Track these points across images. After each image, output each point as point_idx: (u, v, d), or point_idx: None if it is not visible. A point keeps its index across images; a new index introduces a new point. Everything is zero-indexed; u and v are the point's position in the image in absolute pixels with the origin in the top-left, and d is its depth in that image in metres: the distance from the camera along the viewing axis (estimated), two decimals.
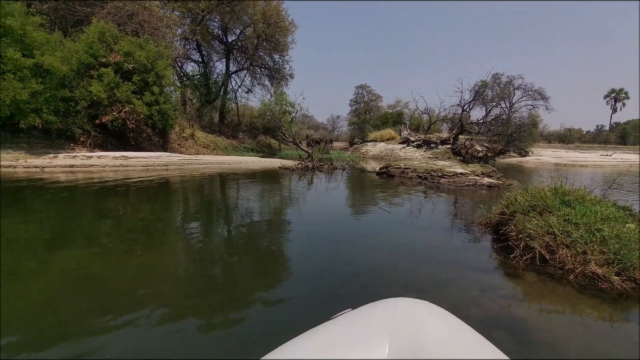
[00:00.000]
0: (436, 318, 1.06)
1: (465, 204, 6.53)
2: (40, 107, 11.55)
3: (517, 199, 3.55)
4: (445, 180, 8.79)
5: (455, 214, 5.63)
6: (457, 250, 3.58)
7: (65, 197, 6.28)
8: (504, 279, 2.77)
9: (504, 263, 3.04)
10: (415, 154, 24.58)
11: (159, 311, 2.21)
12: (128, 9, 15.84)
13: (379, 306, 1.12)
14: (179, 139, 19.23)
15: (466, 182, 8.47)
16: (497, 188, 8.00)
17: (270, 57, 28.02)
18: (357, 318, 1.07)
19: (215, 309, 2.28)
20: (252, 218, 5.07)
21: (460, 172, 9.12)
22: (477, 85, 26.56)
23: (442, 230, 4.46)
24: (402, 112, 41.63)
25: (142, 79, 14.13)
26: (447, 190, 7.91)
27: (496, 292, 2.53)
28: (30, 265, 2.92)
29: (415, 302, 1.15)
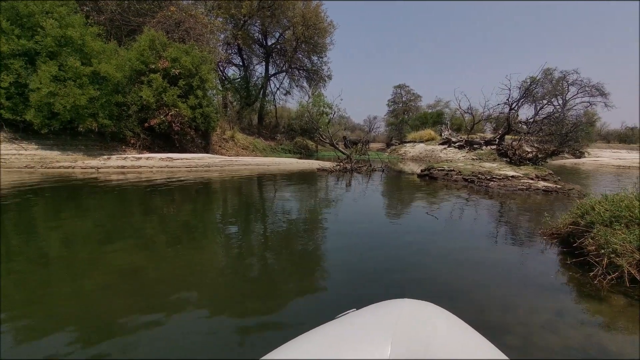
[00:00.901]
0: (440, 320, 1.04)
1: (520, 210, 5.98)
2: (97, 112, 12.38)
3: (595, 207, 3.11)
4: (494, 184, 8.17)
5: (511, 221, 5.14)
6: (521, 264, 3.21)
7: (117, 195, 6.60)
8: (584, 301, 2.37)
9: (581, 282, 2.64)
10: (457, 155, 23.51)
11: (199, 305, 2.31)
12: (176, 17, 16.61)
13: (383, 307, 1.12)
14: (219, 141, 19.85)
15: (519, 185, 7.81)
16: (555, 193, 7.29)
17: (308, 59, 28.20)
18: (361, 318, 1.07)
19: (251, 305, 2.34)
20: (290, 219, 4.97)
21: (511, 175, 8.44)
22: (527, 82, 24.88)
23: (500, 239, 4.05)
24: (443, 112, 40.18)
25: (187, 83, 14.72)
26: (498, 195, 7.33)
27: (576, 317, 2.17)
28: (83, 259, 3.09)
29: (420, 303, 1.14)
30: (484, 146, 24.29)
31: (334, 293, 2.57)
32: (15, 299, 2.29)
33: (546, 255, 3.40)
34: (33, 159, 10.91)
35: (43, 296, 2.35)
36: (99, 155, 12.36)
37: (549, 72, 33.18)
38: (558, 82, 33.35)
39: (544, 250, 3.53)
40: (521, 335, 1.96)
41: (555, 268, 3.04)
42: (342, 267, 3.14)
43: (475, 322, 2.06)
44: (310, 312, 2.27)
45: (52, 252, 3.29)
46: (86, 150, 12.68)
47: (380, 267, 3.09)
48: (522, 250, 3.60)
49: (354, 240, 4.05)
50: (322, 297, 2.50)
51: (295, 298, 2.50)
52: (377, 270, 3.03)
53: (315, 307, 2.36)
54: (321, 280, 2.83)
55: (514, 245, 3.81)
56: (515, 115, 22.51)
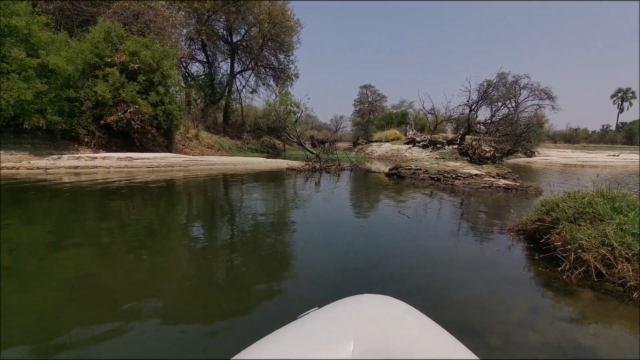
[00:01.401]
0: (403, 315, 1.04)
1: (485, 207, 6.25)
2: (45, 108, 11.38)
3: (560, 204, 3.27)
4: (459, 182, 8.49)
5: (478, 218, 5.34)
6: (492, 261, 3.31)
7: (69, 198, 6.08)
8: (556, 297, 2.47)
9: (551, 277, 2.75)
10: (421, 155, 24.30)
11: (161, 312, 2.20)
12: (134, 8, 15.69)
13: (344, 304, 1.11)
14: (183, 140, 19.05)
15: (482, 183, 8.17)
16: (514, 190, 7.70)
17: (275, 57, 27.86)
18: (323, 317, 1.06)
19: (218, 308, 2.30)
20: (258, 220, 4.83)
21: (474, 174, 8.82)
22: (484, 85, 26.23)
23: (469, 236, 4.18)
24: (407, 112, 41.40)
25: (147, 79, 13.95)
26: (463, 193, 7.62)
27: (551, 313, 2.25)
28: (31, 267, 2.88)
29: (381, 298, 1.13)
30: (446, 146, 25.30)
31: (302, 293, 2.54)
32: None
33: (514, 252, 3.54)
34: None
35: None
36: (47, 154, 11.37)
37: (503, 76, 35.21)
38: (511, 86, 35.47)
39: (512, 246, 3.68)
40: (501, 334, 1.98)
41: (524, 264, 3.17)
42: (312, 267, 3.10)
43: (456, 323, 2.08)
44: (278, 313, 2.22)
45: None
46: (33, 150, 11.61)
47: (352, 267, 3.07)
48: (491, 247, 3.73)
49: (324, 240, 4.01)
50: (291, 298, 2.46)
51: (263, 300, 2.44)
52: (348, 269, 3.01)
53: (283, 308, 2.32)
54: (290, 281, 2.80)
55: (483, 242, 3.93)
56: (474, 116, 23.64)
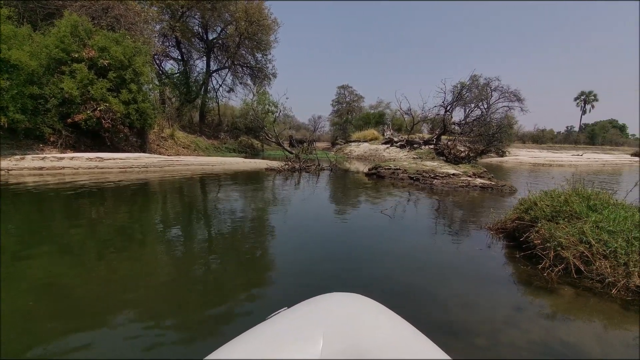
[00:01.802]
0: (372, 313, 1.05)
1: (464, 206, 6.39)
2: (6, 105, 10.65)
3: (538, 203, 3.37)
4: (437, 182, 8.66)
5: (457, 217, 5.45)
6: (473, 259, 3.36)
7: (34, 202, 5.70)
8: (538, 295, 2.52)
9: (531, 274, 2.82)
10: (399, 154, 24.68)
11: (136, 320, 2.12)
12: (102, 2, 15.00)
13: (313, 303, 1.11)
14: (157, 139, 18.43)
15: (459, 183, 8.37)
16: (490, 189, 7.93)
17: (252, 56, 27.48)
18: (292, 317, 1.05)
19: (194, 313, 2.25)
20: (237, 221, 4.72)
21: (452, 173, 9.02)
22: (458, 87, 27.02)
23: (450, 235, 4.25)
24: (384, 113, 41.94)
25: (118, 75, 13.35)
26: (441, 192, 7.78)
27: (534, 311, 2.29)
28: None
29: (351, 296, 1.13)
30: (423, 146, 25.83)
31: (279, 295, 2.51)
32: None
33: (494, 250, 3.62)
34: None
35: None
36: (9, 154, 10.66)
37: (475, 78, 36.38)
38: (483, 88, 36.73)
39: (492, 244, 3.77)
40: (487, 333, 2.00)
41: (505, 262, 3.24)
42: (291, 269, 3.07)
43: (441, 323, 2.08)
44: (255, 315, 2.16)
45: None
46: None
47: (332, 268, 3.05)
48: (472, 245, 3.81)
49: (304, 241, 3.97)
50: (268, 300, 2.42)
51: (240, 303, 2.39)
52: (328, 270, 2.98)
53: (259, 309, 2.26)
54: (268, 284, 2.79)
55: (463, 240, 4.00)
56: (449, 117, 24.29)
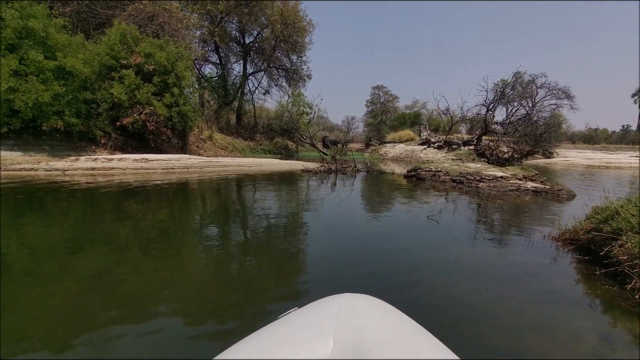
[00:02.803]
0: (383, 314, 1.05)
1: (516, 212, 5.91)
2: (63, 110, 11.44)
3: (621, 212, 2.96)
4: (484, 185, 8.14)
5: (511, 224, 5.01)
6: (537, 274, 3.00)
7: (86, 200, 6.00)
8: (628, 320, 2.13)
9: (617, 296, 2.42)
10: (437, 156, 23.84)
11: (176, 315, 2.17)
12: (149, 10, 15.76)
13: (324, 303, 1.12)
14: (197, 141, 19.08)
15: (508, 186, 7.81)
16: (544, 194, 7.32)
17: (287, 58, 27.76)
18: (303, 317, 1.06)
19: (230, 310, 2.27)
20: (275, 223, 4.64)
21: (500, 176, 8.45)
22: (499, 85, 25.62)
23: (509, 245, 3.87)
24: (420, 113, 40.85)
25: (162, 80, 13.95)
26: (489, 196, 7.28)
27: (628, 343, 1.95)
28: (51, 269, 2.86)
29: (362, 297, 1.13)
30: (462, 146, 24.78)
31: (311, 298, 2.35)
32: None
33: (563, 264, 3.21)
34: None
35: (8, 311, 2.13)
36: (65, 156, 11.44)
37: (519, 76, 34.31)
38: (527, 85, 34.59)
39: (558, 257, 3.37)
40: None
41: (578, 279, 2.85)
42: (325, 273, 2.96)
43: (515, 353, 1.81)
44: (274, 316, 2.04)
45: (16, 263, 2.96)
46: (51, 151, 11.70)
47: (370, 274, 2.86)
48: (534, 257, 3.42)
49: (341, 244, 3.80)
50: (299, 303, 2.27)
51: (273, 303, 2.35)
52: (365, 278, 2.79)
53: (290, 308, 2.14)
54: (299, 286, 2.70)
55: (522, 251, 3.61)
56: (491, 116, 23.08)
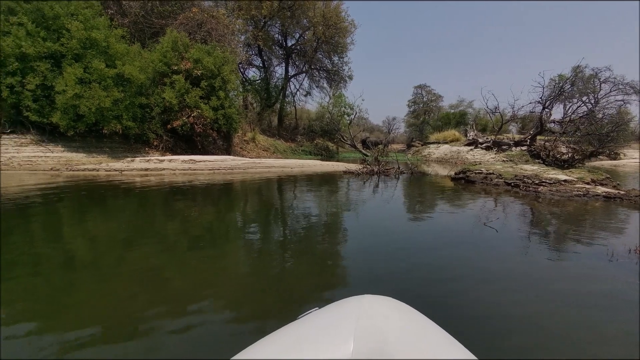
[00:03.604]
0: (403, 316, 1.04)
1: (590, 221, 5.26)
2: (121, 114, 12.30)
3: None
4: (544, 189, 7.41)
5: (587, 234, 4.43)
6: (629, 294, 2.58)
7: (140, 198, 6.31)
8: None
9: None
10: (485, 157, 22.52)
11: (220, 309, 2.25)
12: (198, 18, 16.50)
13: (344, 304, 1.10)
14: (241, 142, 19.66)
15: (574, 191, 7.05)
16: (618, 200, 6.50)
17: (329, 59, 27.78)
18: (323, 317, 1.06)
19: (270, 307, 2.30)
20: (318, 224, 4.50)
21: (563, 179, 7.66)
22: (555, 80, 23.65)
23: (586, 258, 3.37)
24: (466, 112, 39.00)
25: (209, 84, 14.52)
26: (552, 202, 6.61)
27: None
28: (108, 261, 3.06)
29: (383, 299, 1.13)
30: (513, 147, 23.19)
31: None
32: (44, 300, 2.30)
33: None
34: (59, 161, 10.88)
35: (70, 298, 2.35)
36: (122, 157, 12.27)
37: (579, 70, 31.32)
38: (589, 80, 31.53)
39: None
40: None
41: None
42: (366, 277, 2.82)
43: None
44: None
45: (78, 254, 3.26)
46: (111, 153, 12.63)
47: (418, 284, 2.57)
48: (621, 274, 2.93)
49: (387, 250, 3.54)
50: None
51: (311, 303, 2.19)
52: (421, 285, 2.52)
53: None
54: (338, 288, 2.65)
55: (606, 267, 3.10)
56: (548, 114, 21.35)
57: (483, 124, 33.97)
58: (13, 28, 10.54)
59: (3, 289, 2.38)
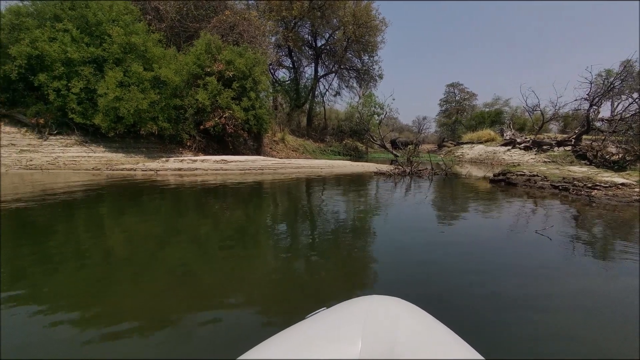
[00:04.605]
0: (411, 316, 1.04)
1: None
2: (157, 115, 12.70)
3: None
4: (599, 193, 6.77)
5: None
6: None
7: (174, 198, 6.41)
8: None
9: None
10: (524, 158, 21.32)
11: (249, 305, 2.31)
12: (230, 21, 16.79)
13: (352, 304, 1.11)
14: (270, 143, 19.81)
15: (634, 195, 6.39)
16: None
17: (358, 59, 27.48)
18: (331, 317, 1.06)
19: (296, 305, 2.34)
20: (349, 226, 4.29)
21: (620, 183, 6.98)
22: (602, 76, 21.94)
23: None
24: (502, 111, 37.23)
25: (240, 85, 14.70)
26: (606, 207, 6.03)
27: None
28: (143, 258, 3.16)
29: (390, 299, 1.13)
30: (555, 147, 21.78)
31: None
32: (83, 293, 2.40)
33: None
34: (100, 161, 11.38)
35: (108, 288, 2.47)
36: (158, 157, 12.67)
37: (628, 65, 28.87)
38: None
39: None
40: None
41: None
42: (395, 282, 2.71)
43: None
44: None
45: (116, 250, 3.39)
46: (147, 153, 13.08)
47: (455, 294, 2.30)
48: None
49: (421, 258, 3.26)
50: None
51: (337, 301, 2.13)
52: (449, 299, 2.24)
53: None
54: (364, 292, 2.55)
55: None
56: (596, 112, 19.87)
57: (521, 123, 32.30)
58: (59, 34, 11.14)
59: (52, 280, 2.56)
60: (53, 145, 11.41)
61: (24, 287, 2.44)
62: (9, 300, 2.22)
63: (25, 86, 11.48)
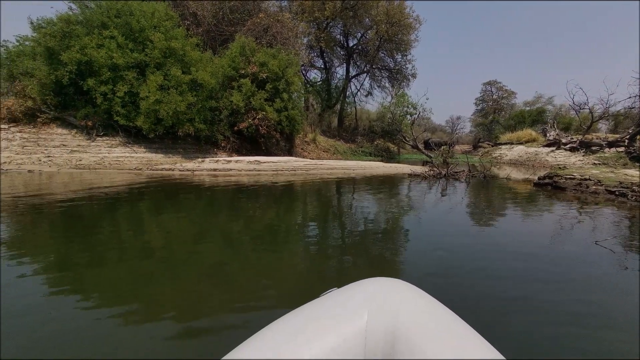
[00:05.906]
0: (413, 295, 1.12)
1: None
2: (194, 117, 13.12)
3: None
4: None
5: None
6: None
7: (209, 197, 6.55)
8: None
9: None
10: (570, 159, 19.97)
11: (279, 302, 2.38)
12: (264, 23, 17.05)
13: (361, 285, 1.19)
14: (302, 144, 19.90)
15: None
16: None
17: (391, 58, 27.00)
18: (342, 295, 1.14)
19: None
20: (383, 228, 4.11)
21: None
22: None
23: None
24: (545, 110, 35.11)
25: (273, 86, 14.88)
26: None
27: None
28: (180, 256, 3.25)
29: (394, 281, 1.20)
30: (606, 148, 20.22)
31: None
32: (124, 287, 2.53)
33: None
34: (141, 161, 11.92)
35: (147, 284, 2.60)
36: (194, 158, 13.08)
37: None
38: None
39: None
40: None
41: None
42: None
43: None
44: None
45: (155, 247, 3.51)
46: (184, 153, 13.55)
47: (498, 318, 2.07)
48: None
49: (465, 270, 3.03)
50: None
51: None
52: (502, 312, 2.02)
53: None
54: None
55: None
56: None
57: (565, 123, 30.29)
58: (106, 41, 11.79)
59: (95, 275, 2.70)
60: (100, 146, 12.09)
61: (70, 279, 2.64)
62: (57, 286, 2.45)
63: (75, 90, 12.24)
